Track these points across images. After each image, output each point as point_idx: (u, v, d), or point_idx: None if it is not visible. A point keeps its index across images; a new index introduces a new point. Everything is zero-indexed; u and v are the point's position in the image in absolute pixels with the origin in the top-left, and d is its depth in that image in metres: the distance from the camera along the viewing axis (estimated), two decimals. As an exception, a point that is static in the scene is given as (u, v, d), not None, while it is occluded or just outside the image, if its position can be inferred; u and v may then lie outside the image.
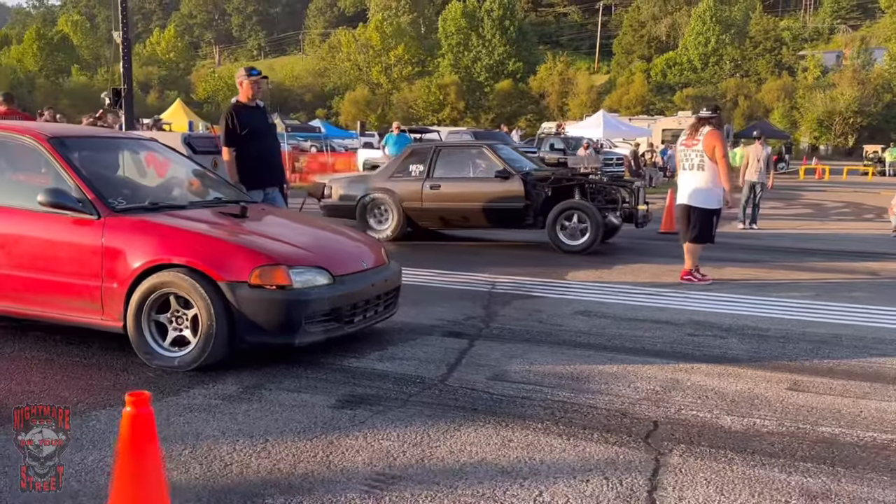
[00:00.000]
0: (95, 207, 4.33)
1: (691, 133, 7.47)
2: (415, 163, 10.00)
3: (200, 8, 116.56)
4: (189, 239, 4.28)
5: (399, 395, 3.90)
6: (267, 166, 6.39)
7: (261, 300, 4.10)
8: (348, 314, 4.48)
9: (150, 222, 4.40)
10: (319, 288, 4.28)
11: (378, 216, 10.02)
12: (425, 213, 9.83)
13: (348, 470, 2.99)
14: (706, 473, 3.05)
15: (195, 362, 4.10)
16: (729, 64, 67.47)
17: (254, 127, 6.29)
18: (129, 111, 11.78)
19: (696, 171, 7.35)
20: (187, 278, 4.09)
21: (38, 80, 67.87)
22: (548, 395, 3.96)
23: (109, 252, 4.26)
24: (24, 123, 6.36)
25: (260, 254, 4.24)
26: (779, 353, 4.88)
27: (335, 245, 4.89)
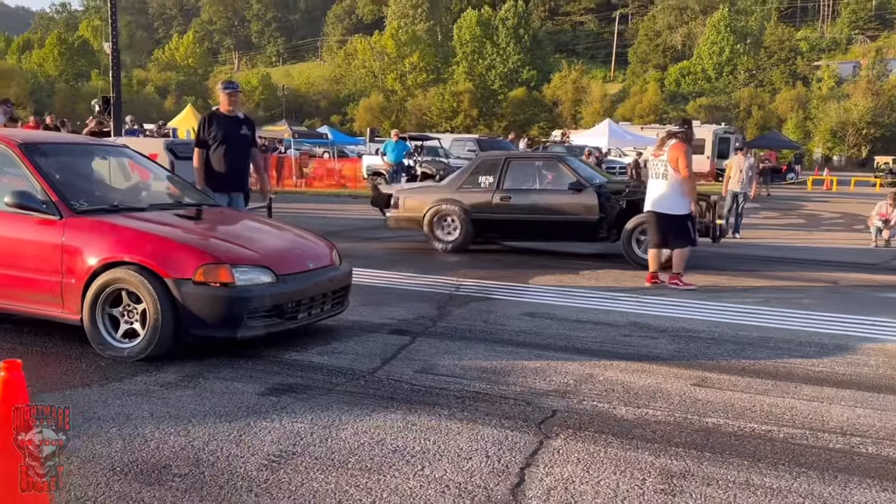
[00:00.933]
0: (58, 208, 4.70)
1: (659, 144, 7.85)
2: (484, 174, 9.97)
3: (220, 14, 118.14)
4: (140, 238, 4.63)
5: (326, 385, 4.23)
6: (232, 172, 6.84)
7: (205, 296, 4.45)
8: (291, 311, 4.81)
9: (107, 223, 4.76)
10: (262, 286, 4.61)
11: (445, 227, 9.93)
12: (494, 224, 9.79)
13: (254, 447, 3.32)
14: (580, 454, 3.35)
15: (143, 353, 4.46)
16: (743, 74, 67.43)
17: (224, 135, 6.76)
18: (117, 118, 12.26)
19: (660, 179, 7.73)
20: (137, 275, 4.45)
21: (57, 84, 69.11)
22: (465, 386, 4.27)
23: (69, 250, 4.63)
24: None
25: (205, 253, 4.59)
26: (701, 353, 5.16)
27: (282, 246, 5.23)
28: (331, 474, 3.07)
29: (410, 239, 11.45)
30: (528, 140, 36.30)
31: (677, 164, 7.57)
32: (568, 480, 3.09)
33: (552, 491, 2.99)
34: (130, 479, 2.97)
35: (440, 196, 10.06)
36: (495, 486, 3.01)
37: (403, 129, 51.38)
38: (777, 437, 3.64)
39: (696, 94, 67.18)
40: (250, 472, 3.07)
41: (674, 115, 62.59)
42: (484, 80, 74.16)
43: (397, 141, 19.32)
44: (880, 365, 5.00)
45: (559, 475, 3.13)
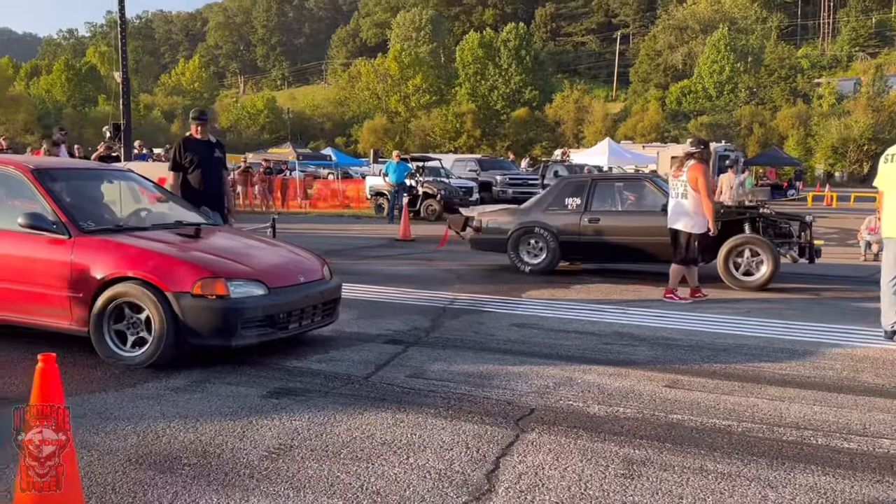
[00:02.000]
0: (67, 229, 5.12)
1: (679, 165, 8.21)
2: (571, 195, 9.92)
3: (226, 39, 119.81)
4: (143, 255, 5.03)
5: (323, 389, 4.58)
6: (206, 193, 7.39)
7: (202, 308, 4.82)
8: (283, 321, 5.18)
9: (112, 241, 5.17)
10: (255, 298, 4.98)
11: (531, 249, 9.98)
12: (583, 246, 9.76)
13: (256, 441, 3.67)
14: (551, 445, 3.68)
15: (147, 361, 4.85)
16: (744, 92, 67.90)
17: (198, 159, 7.37)
18: (127, 143, 12.75)
19: (680, 199, 8.09)
20: (140, 288, 4.85)
21: (65, 109, 70.07)
22: (452, 388, 4.61)
23: (77, 267, 5.03)
24: (12, 156, 7.28)
25: (202, 268, 4.97)
26: (676, 359, 5.49)
27: (274, 261, 5.59)
28: (324, 463, 3.41)
29: (411, 257, 11.84)
30: (530, 159, 36.82)
31: (696, 185, 7.94)
32: (538, 467, 3.42)
33: (523, 476, 3.32)
34: (145, 468, 3.32)
35: (525, 218, 10.07)
36: (472, 472, 3.34)
37: (407, 150, 51.98)
38: (735, 430, 3.97)
39: (697, 112, 67.64)
40: (252, 461, 3.42)
41: (675, 133, 63.17)
42: (486, 101, 74.88)
43: (398, 162, 19.73)
44: (844, 368, 5.32)
45: (531, 463, 3.47)
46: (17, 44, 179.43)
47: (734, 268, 8.87)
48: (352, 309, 7.23)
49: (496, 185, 24.33)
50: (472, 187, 22.79)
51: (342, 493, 3.11)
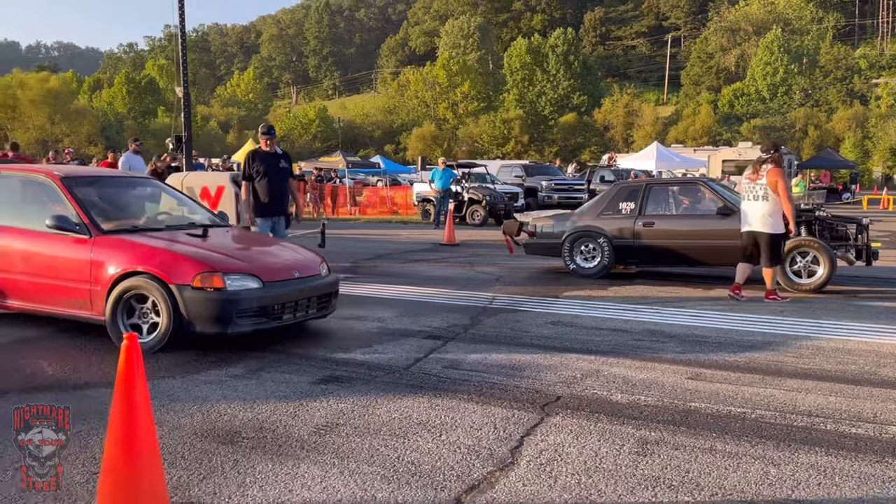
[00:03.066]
0: (88, 229, 5.80)
1: (755, 169, 8.42)
2: (625, 200, 10.05)
3: (279, 50, 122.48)
4: (152, 252, 5.65)
5: (366, 377, 4.98)
6: (274, 200, 8.12)
7: (201, 299, 5.37)
8: (277, 312, 5.71)
9: (127, 241, 5.80)
10: (250, 291, 5.52)
11: (585, 253, 10.14)
12: (637, 250, 9.86)
13: (306, 419, 4.09)
14: (573, 427, 4.01)
15: (155, 347, 5.43)
16: (798, 94, 66.63)
17: (264, 169, 8.07)
18: (188, 155, 13.50)
19: (760, 201, 8.29)
20: (148, 282, 5.45)
21: (126, 121, 72.62)
22: (485, 378, 4.97)
23: (96, 263, 5.69)
24: (44, 166, 8.23)
25: (202, 263, 5.54)
26: (703, 355, 5.73)
27: (271, 258, 6.16)
28: (366, 438, 3.81)
29: (454, 261, 12.22)
30: (577, 164, 36.87)
31: (776, 187, 8.17)
32: (559, 445, 3.75)
33: (543, 452, 3.66)
34: (209, 440, 3.77)
35: (579, 223, 10.24)
36: (498, 448, 3.70)
37: (455, 156, 52.53)
38: (749, 417, 4.23)
39: (750, 115, 66.63)
40: (303, 436, 3.83)
41: (727, 136, 62.31)
42: (534, 107, 75.05)
43: (444, 168, 20.16)
44: (867, 363, 5.50)
45: (552, 441, 3.80)
46: (80, 58, 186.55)
47: (791, 270, 8.94)
48: (395, 307, 7.66)
49: (542, 191, 24.54)
50: (518, 193, 23.07)
51: (381, 462, 3.50)
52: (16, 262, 6.07)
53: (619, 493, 3.20)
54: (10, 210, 6.40)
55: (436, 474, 3.38)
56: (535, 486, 3.27)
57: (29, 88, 63.99)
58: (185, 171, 12.31)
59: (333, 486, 3.24)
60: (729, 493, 3.22)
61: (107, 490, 2.72)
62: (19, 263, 6.05)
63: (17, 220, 6.25)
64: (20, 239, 6.10)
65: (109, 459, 2.72)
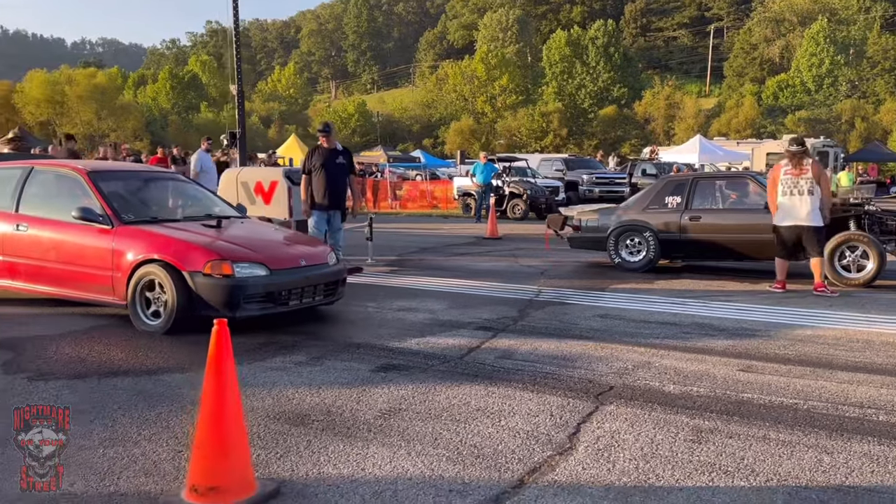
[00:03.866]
0: (111, 220, 6.29)
1: (796, 164, 8.47)
2: (671, 194, 10.06)
3: (318, 45, 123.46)
4: (167, 241, 6.07)
5: (423, 366, 5.17)
6: (329, 194, 8.40)
7: (211, 285, 5.79)
8: (283, 298, 6.12)
9: (145, 231, 6.22)
10: (257, 278, 5.90)
11: (631, 247, 10.17)
12: (683, 244, 9.89)
13: (370, 404, 4.29)
14: (627, 415, 4.14)
15: (165, 328, 5.88)
16: (844, 85, 65.12)
17: (321, 165, 8.38)
18: (242, 150, 13.84)
19: (806, 195, 8.37)
20: (162, 269, 5.88)
21: (170, 116, 74.00)
22: (538, 368, 5.11)
23: (117, 252, 6.16)
24: (72, 160, 8.77)
25: (213, 252, 5.92)
26: (753, 347, 5.80)
27: (279, 248, 6.55)
28: (428, 423, 3.99)
29: (498, 254, 12.35)
30: (618, 158, 36.64)
31: (820, 180, 8.33)
32: (615, 432, 3.89)
33: (600, 438, 3.80)
34: (282, 422, 3.99)
35: (625, 217, 10.30)
36: (556, 434, 3.85)
37: (493, 150, 52.49)
38: (801, 408, 4.31)
39: (795, 107, 65.28)
40: (368, 419, 4.03)
41: (771, 129, 61.22)
42: (573, 100, 74.57)
43: (486, 163, 20.27)
44: (919, 357, 5.51)
45: (608, 429, 3.94)
46: (123, 54, 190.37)
47: (840, 265, 8.90)
48: (444, 299, 7.84)
49: (582, 185, 24.50)
50: (559, 187, 23.10)
51: (445, 444, 3.68)
52: (47, 250, 6.58)
53: (676, 478, 3.32)
54: (42, 202, 6.87)
55: (498, 457, 3.54)
56: (595, 469, 3.41)
57: (76, 84, 65.53)
58: (239, 167, 12.65)
59: (402, 465, 3.42)
60: (784, 479, 3.32)
61: (198, 464, 2.94)
62: (50, 251, 6.55)
63: (49, 212, 6.72)
64: (50, 229, 6.60)
65: (201, 435, 2.93)
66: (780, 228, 8.56)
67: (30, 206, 6.84)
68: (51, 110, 64.31)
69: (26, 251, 6.69)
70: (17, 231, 6.77)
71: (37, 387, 4.55)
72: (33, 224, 6.70)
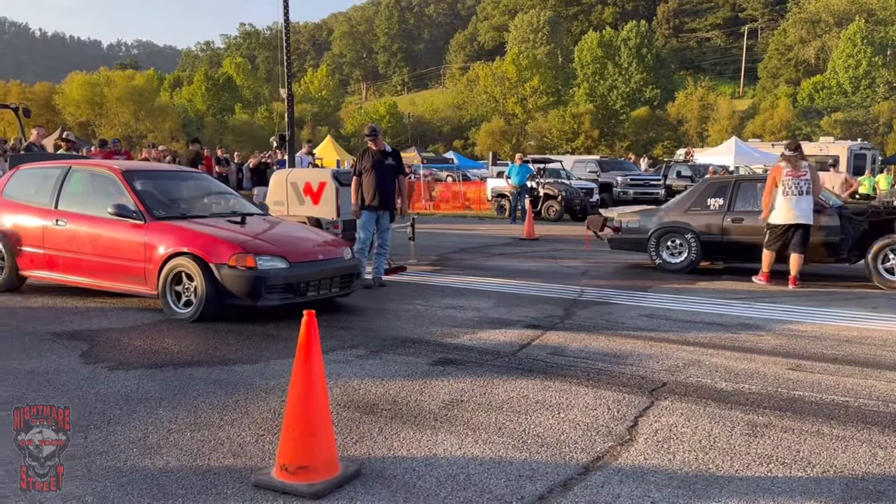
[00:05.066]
0: (143, 216, 6.77)
1: (796, 166, 8.96)
2: (713, 196, 10.16)
3: (350, 47, 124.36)
4: (195, 236, 6.52)
5: (478, 360, 5.35)
6: (378, 195, 8.61)
7: (236, 276, 6.23)
8: (302, 289, 6.53)
9: (175, 226, 6.66)
10: (277, 270, 6.30)
11: (672, 248, 10.28)
12: (725, 246, 10.01)
13: (434, 395, 4.48)
14: (683, 410, 4.28)
15: (193, 316, 6.31)
16: (882, 87, 64.05)
17: (371, 166, 8.61)
18: (290, 152, 14.19)
19: (805, 195, 8.92)
20: (191, 261, 6.32)
21: (206, 118, 75.12)
22: (591, 365, 5.27)
23: (149, 246, 6.64)
24: (107, 161, 9.45)
25: (237, 245, 6.32)
26: (800, 347, 5.89)
27: (298, 242, 6.94)
28: (491, 413, 4.18)
29: (536, 255, 12.49)
30: (650, 159, 36.49)
31: (814, 183, 8.86)
32: (672, 426, 4.04)
33: (659, 431, 3.96)
34: (352, 410, 4.20)
35: (666, 219, 10.41)
36: (615, 426, 4.01)
37: (525, 151, 52.58)
38: (852, 405, 4.42)
39: (831, 108, 64.38)
40: (433, 409, 4.22)
41: (807, 130, 60.40)
42: (605, 101, 74.29)
43: (521, 164, 20.41)
44: (968, 359, 5.56)
45: (665, 422, 4.09)
46: (158, 56, 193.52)
47: (883, 267, 8.95)
48: (490, 298, 8.02)
49: (617, 186, 24.51)
50: (593, 188, 23.14)
51: (510, 434, 3.86)
52: (84, 244, 7.03)
53: (735, 468, 3.47)
54: (79, 200, 7.31)
55: (561, 446, 3.71)
56: (656, 460, 3.57)
57: (115, 86, 66.88)
58: (288, 168, 12.96)
59: (471, 452, 3.61)
60: (840, 470, 3.45)
61: (288, 445, 3.15)
62: (87, 245, 7.00)
63: (86, 208, 7.17)
64: (88, 224, 7.05)
65: (290, 418, 3.14)
66: (779, 225, 9.00)
67: (68, 202, 7.32)
68: (90, 111, 65.71)
69: (65, 244, 7.18)
70: (56, 226, 7.26)
71: (118, 376, 4.82)
72: (72, 219, 7.18)
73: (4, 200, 7.86)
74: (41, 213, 7.42)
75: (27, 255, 7.53)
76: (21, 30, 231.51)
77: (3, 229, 7.73)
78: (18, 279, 7.76)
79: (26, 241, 7.51)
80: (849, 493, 3.22)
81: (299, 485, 3.10)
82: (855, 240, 9.33)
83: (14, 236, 7.61)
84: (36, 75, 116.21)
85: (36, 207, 7.52)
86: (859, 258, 9.33)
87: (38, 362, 5.11)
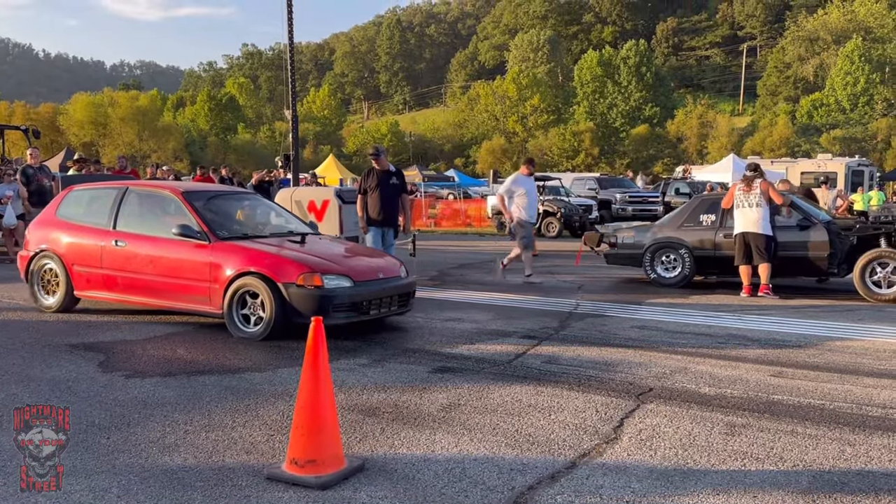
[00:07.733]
0: (208, 236, 6.85)
1: (747, 184, 9.62)
2: (706, 212, 10.44)
3: (351, 67, 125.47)
4: (261, 256, 6.64)
5: (475, 368, 5.63)
6: (382, 213, 8.96)
7: (303, 295, 6.31)
8: (365, 308, 6.65)
9: (240, 246, 6.81)
10: (343, 289, 6.45)
11: (666, 263, 10.56)
12: (718, 261, 10.25)
13: (432, 399, 4.76)
14: (666, 412, 4.55)
15: (262, 335, 6.35)
16: (880, 104, 64.56)
17: (374, 185, 8.96)
18: (295, 172, 14.57)
19: (755, 207, 9.46)
20: (259, 280, 6.42)
21: (209, 137, 75.76)
22: (582, 372, 5.55)
23: (214, 265, 6.71)
24: (168, 182, 9.78)
25: (304, 265, 6.46)
26: (784, 356, 6.16)
27: (360, 262, 7.13)
28: (486, 416, 4.45)
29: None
30: (645, 176, 36.86)
31: (769, 193, 9.42)
32: (655, 426, 4.31)
33: (643, 430, 4.23)
34: (355, 413, 4.47)
35: (660, 234, 10.71)
36: (601, 426, 4.28)
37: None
38: (827, 408, 4.69)
39: (829, 126, 64.85)
40: (432, 412, 4.50)
41: (805, 147, 60.77)
42: (605, 119, 74.93)
43: (522, 182, 20.69)
44: (943, 366, 5.83)
45: (649, 423, 4.36)
46: (161, 76, 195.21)
47: (870, 280, 9.22)
48: (488, 311, 8.30)
49: (615, 203, 24.83)
50: (592, 205, 23.45)
51: (503, 433, 4.13)
52: (144, 264, 7.10)
53: (712, 463, 3.73)
54: (138, 220, 7.43)
55: (551, 444, 3.98)
56: (638, 455, 3.84)
57: (119, 106, 67.58)
58: (293, 187, 13.31)
59: (467, 449, 3.88)
60: (809, 465, 3.71)
61: (298, 441, 3.42)
62: (147, 266, 7.07)
63: (145, 229, 7.28)
64: (148, 245, 7.13)
65: (300, 416, 3.42)
66: (736, 236, 9.58)
67: (126, 223, 7.38)
68: (94, 131, 66.35)
69: (123, 265, 7.19)
70: (115, 246, 7.27)
71: (134, 383, 5.10)
72: (131, 240, 7.22)
73: (59, 221, 7.87)
74: (99, 234, 7.44)
75: (83, 276, 7.50)
76: (25, 51, 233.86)
77: (58, 250, 7.69)
78: (73, 300, 7.72)
79: (83, 262, 7.49)
80: (814, 484, 3.48)
81: (308, 477, 3.37)
82: (844, 253, 9.61)
83: (70, 257, 7.60)
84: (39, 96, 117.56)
85: (92, 228, 7.54)
86: (848, 272, 9.62)
87: (59, 371, 5.40)
